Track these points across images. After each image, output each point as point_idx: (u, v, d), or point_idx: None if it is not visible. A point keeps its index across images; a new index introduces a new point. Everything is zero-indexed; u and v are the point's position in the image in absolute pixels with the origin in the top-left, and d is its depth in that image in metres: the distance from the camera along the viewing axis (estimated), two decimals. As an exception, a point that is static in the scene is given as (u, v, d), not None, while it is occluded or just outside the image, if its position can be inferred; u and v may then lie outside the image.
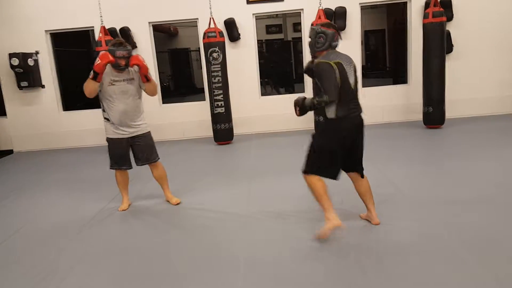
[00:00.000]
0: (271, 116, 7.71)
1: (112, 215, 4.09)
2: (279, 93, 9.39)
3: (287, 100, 7.76)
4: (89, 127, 7.70)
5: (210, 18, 6.78)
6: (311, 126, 7.32)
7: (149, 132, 4.09)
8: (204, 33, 6.75)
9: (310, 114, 7.26)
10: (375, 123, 7.69)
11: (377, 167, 4.90)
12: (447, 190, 4.03)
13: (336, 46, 3.14)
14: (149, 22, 7.54)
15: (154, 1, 7.35)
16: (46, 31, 7.54)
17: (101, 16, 6.71)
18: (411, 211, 3.62)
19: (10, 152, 7.85)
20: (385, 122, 7.71)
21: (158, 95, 7.79)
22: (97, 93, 3.74)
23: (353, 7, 7.41)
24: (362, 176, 3.33)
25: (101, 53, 3.62)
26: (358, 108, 3.12)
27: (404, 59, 7.88)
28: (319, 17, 6.72)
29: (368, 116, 7.44)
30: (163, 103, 7.99)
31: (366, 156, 3.41)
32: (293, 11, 7.77)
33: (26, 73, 7.33)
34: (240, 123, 7.53)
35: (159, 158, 4.18)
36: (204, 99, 7.79)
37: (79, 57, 8.62)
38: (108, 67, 3.72)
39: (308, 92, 7.54)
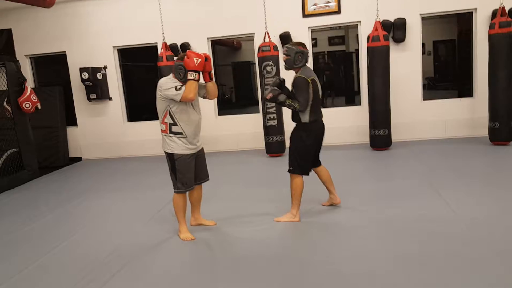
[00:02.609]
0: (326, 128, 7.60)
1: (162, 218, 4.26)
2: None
3: (343, 113, 7.70)
4: (150, 137, 8.10)
5: (265, 33, 6.90)
6: (366, 139, 7.14)
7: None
8: (259, 47, 6.88)
9: (367, 130, 7.12)
10: (437, 138, 7.33)
11: (435, 188, 4.66)
12: None
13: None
14: (208, 38, 7.82)
15: (212, 18, 7.63)
16: (113, 47, 8.11)
17: (163, 33, 7.10)
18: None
19: (79, 159, 8.47)
20: (448, 137, 7.31)
21: (215, 107, 8.03)
22: None
23: (413, 18, 7.16)
24: (320, 164, 4.16)
25: (188, 53, 3.48)
26: (321, 114, 3.96)
27: (470, 71, 7.45)
28: (376, 29, 6.59)
29: (429, 131, 7.24)
30: (222, 114, 8.23)
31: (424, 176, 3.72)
32: (350, 24, 7.68)
33: (95, 86, 7.91)
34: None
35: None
36: (258, 111, 7.90)
37: (144, 71, 9.14)
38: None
39: (363, 104, 7.38)
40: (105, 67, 8.09)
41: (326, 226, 3.85)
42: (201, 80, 3.66)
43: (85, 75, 7.70)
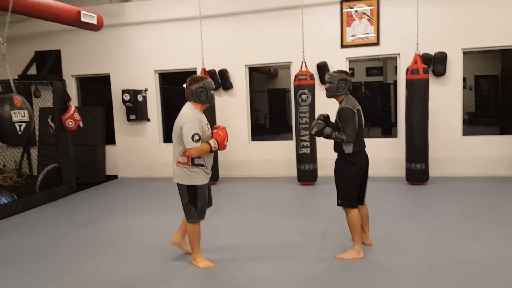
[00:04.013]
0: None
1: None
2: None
3: (379, 144, 7.57)
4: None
5: (302, 62, 6.96)
6: (402, 173, 6.96)
7: None
8: (296, 76, 6.94)
9: (403, 163, 6.96)
10: (476, 175, 7.05)
11: (473, 228, 4.47)
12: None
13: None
14: (245, 65, 7.97)
15: (250, 45, 7.79)
16: (155, 70, 8.40)
17: (202, 59, 7.30)
18: None
19: (115, 177, 8.69)
20: (488, 175, 7.02)
21: (249, 132, 8.11)
22: None
23: (455, 52, 7.04)
24: (363, 202, 3.95)
25: (222, 130, 3.64)
26: (365, 144, 3.82)
27: (513, 107, 7.22)
28: (415, 62, 6.52)
29: (469, 167, 6.99)
30: (256, 139, 8.29)
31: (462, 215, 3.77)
32: (389, 56, 7.64)
33: (135, 107, 8.18)
34: (325, 165, 7.44)
35: None
36: (292, 139, 7.89)
37: (182, 95, 9.37)
38: (199, 109, 3.64)
39: (400, 136, 7.23)
40: (146, 90, 8.37)
41: (356, 266, 3.71)
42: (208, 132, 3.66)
43: (127, 97, 7.98)
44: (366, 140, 3.94)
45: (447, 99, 7.12)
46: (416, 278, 3.35)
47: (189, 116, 3.52)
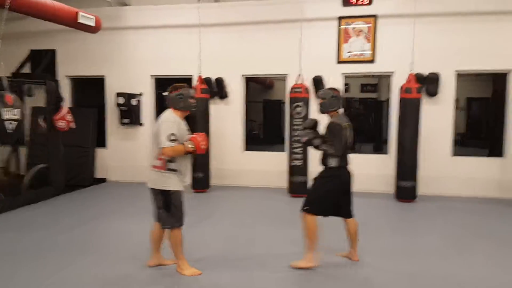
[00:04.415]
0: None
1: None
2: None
3: (370, 160, 7.64)
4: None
5: (299, 75, 7.02)
6: (390, 189, 7.01)
7: None
8: (291, 88, 6.99)
9: (392, 180, 7.01)
10: (465, 195, 7.14)
11: (458, 248, 4.52)
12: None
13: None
14: (242, 75, 8.01)
15: (248, 56, 7.84)
16: (151, 75, 8.39)
17: (200, 66, 7.32)
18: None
19: (103, 180, 8.61)
20: (476, 196, 7.10)
21: (242, 142, 8.12)
22: None
23: (448, 73, 7.17)
24: (351, 216, 3.97)
25: (200, 135, 3.63)
26: (348, 162, 3.87)
27: (502, 131, 7.32)
28: (409, 81, 6.62)
29: (457, 187, 7.07)
30: (249, 149, 8.30)
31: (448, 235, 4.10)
32: (384, 73, 7.75)
33: (129, 111, 8.15)
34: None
35: None
36: (284, 150, 7.91)
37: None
38: (179, 116, 3.66)
39: (391, 153, 7.29)
40: (141, 94, 8.34)
41: (342, 280, 3.72)
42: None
43: (121, 100, 7.95)
44: (358, 156, 4.02)
45: (438, 119, 7.23)
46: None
47: (167, 117, 3.59)
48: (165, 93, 3.72)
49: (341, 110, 3.96)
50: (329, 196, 3.82)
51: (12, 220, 5.61)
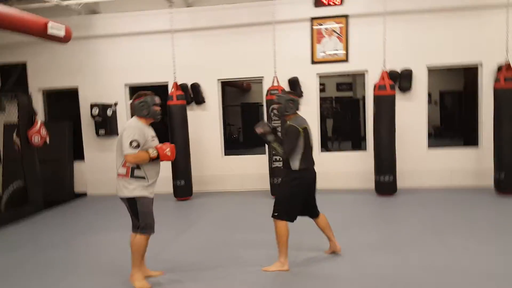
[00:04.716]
0: (329, 173, 7.63)
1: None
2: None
3: (349, 158, 7.76)
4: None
5: (274, 77, 7.06)
6: (371, 185, 7.13)
7: None
8: (268, 90, 7.03)
9: (372, 175, 7.13)
10: (442, 186, 7.33)
11: (439, 237, 4.65)
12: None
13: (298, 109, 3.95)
14: (218, 79, 8.00)
15: (223, 60, 7.83)
16: (125, 84, 8.29)
17: (174, 73, 7.28)
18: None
19: (84, 195, 8.46)
20: (453, 186, 7.30)
21: (221, 146, 8.11)
22: None
23: (420, 69, 7.34)
24: (318, 214, 4.08)
25: (166, 145, 3.64)
26: (313, 162, 3.93)
27: (475, 121, 7.55)
28: (383, 78, 6.74)
29: (435, 179, 7.25)
30: (229, 154, 8.30)
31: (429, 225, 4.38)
32: (358, 72, 7.87)
33: (104, 121, 8.02)
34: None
35: None
36: (265, 153, 7.94)
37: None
38: (144, 123, 3.64)
39: (369, 149, 7.42)
40: (116, 104, 8.22)
41: (319, 277, 3.78)
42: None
43: (95, 111, 7.82)
44: (337, 154, 4.06)
45: (413, 113, 7.39)
46: (374, 285, 3.45)
47: (131, 125, 3.58)
48: (129, 101, 3.72)
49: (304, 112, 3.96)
50: (295, 200, 3.85)
51: (-9, 242, 5.46)
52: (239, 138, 10.31)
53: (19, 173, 6.92)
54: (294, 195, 3.84)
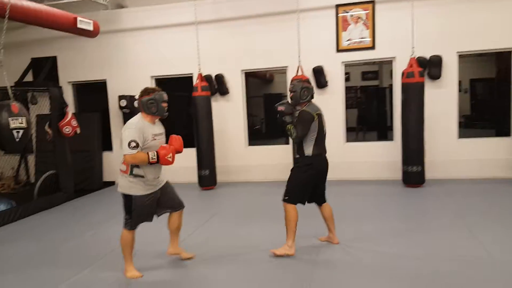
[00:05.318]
0: (355, 163, 7.53)
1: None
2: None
3: (375, 148, 7.62)
4: (183, 164, 8.21)
5: (298, 66, 7.00)
6: (398, 176, 6.98)
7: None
8: (291, 80, 6.95)
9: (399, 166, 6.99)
10: (472, 177, 7.09)
11: (469, 229, 4.53)
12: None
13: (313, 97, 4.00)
14: (242, 70, 8.01)
15: (247, 51, 7.82)
16: (151, 76, 8.41)
17: (199, 65, 7.32)
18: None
19: (112, 183, 8.67)
20: (484, 177, 7.04)
21: (245, 138, 8.13)
22: None
23: (450, 56, 7.10)
24: (325, 201, 4.15)
25: (174, 141, 3.69)
26: (325, 149, 4.00)
27: (508, 110, 7.25)
28: (411, 66, 6.57)
29: (465, 169, 7.03)
30: (252, 144, 8.31)
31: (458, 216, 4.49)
32: (385, 59, 7.69)
33: (131, 113, 8.14)
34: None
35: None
36: (288, 143, 7.90)
37: (178, 101, 9.40)
38: (149, 120, 3.61)
39: (396, 139, 7.26)
40: (142, 95, 8.35)
41: (340, 264, 3.75)
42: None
43: (123, 103, 7.99)
44: (363, 144, 4.00)
45: (442, 102, 7.17)
46: (398, 275, 3.37)
47: (131, 124, 3.54)
48: (136, 97, 3.69)
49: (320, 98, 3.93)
50: (306, 185, 3.93)
51: (25, 227, 5.69)
52: (262, 129, 10.31)
53: (51, 163, 7.17)
54: (306, 181, 3.92)
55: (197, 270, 3.84)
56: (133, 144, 3.41)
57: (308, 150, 3.89)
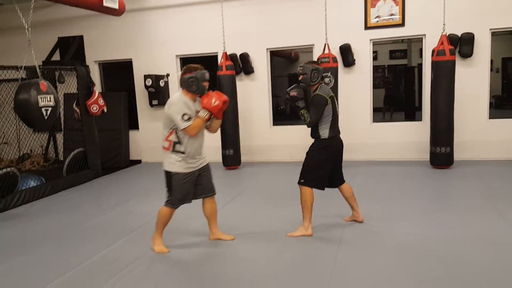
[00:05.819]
0: (382, 144, 7.41)
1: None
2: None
3: (403, 128, 7.47)
4: (205, 144, 8.27)
5: (325, 44, 6.87)
6: (426, 157, 6.85)
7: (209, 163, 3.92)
8: (318, 58, 6.85)
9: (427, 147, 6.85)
10: (503, 158, 6.91)
11: (499, 211, 4.43)
12: None
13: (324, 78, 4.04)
14: (267, 48, 7.91)
15: (272, 29, 7.71)
16: (176, 55, 8.41)
17: (223, 43, 7.26)
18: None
19: (139, 162, 8.83)
20: (516, 159, 6.85)
21: (270, 117, 8.09)
22: None
23: (482, 33, 6.82)
24: (344, 182, 4.15)
25: (210, 93, 3.60)
26: (339, 131, 4.00)
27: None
28: (442, 43, 6.35)
29: (495, 151, 6.84)
30: (277, 124, 8.27)
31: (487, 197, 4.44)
32: (414, 37, 7.46)
33: (157, 92, 8.23)
34: (349, 149, 7.38)
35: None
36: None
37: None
38: (189, 98, 3.61)
39: (425, 120, 7.10)
40: (168, 75, 8.39)
41: (364, 243, 3.72)
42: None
43: (149, 82, 8.04)
44: (390, 124, 3.92)
45: (473, 81, 6.94)
46: (431, 257, 3.33)
47: (174, 100, 3.57)
48: (179, 74, 3.69)
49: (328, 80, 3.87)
50: (322, 167, 3.92)
51: (55, 203, 5.87)
52: (286, 109, 10.23)
53: (79, 141, 7.33)
54: (323, 163, 3.91)
55: (220, 250, 3.86)
56: (186, 117, 3.47)
57: (324, 133, 3.89)
